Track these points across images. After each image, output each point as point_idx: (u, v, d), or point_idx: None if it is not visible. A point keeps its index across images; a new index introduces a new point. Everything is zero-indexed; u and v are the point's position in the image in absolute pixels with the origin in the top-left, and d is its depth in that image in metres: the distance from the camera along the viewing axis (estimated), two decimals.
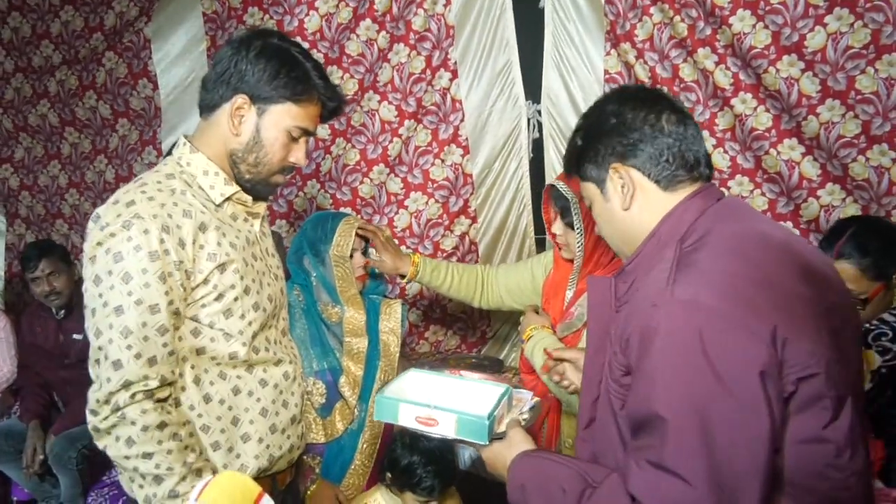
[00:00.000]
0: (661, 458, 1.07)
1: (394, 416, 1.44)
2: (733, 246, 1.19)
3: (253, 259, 1.65)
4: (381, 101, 3.54)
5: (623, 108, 1.34)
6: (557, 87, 3.42)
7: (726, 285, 1.11)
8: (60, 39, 3.70)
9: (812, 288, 1.19)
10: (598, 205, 1.41)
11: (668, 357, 1.09)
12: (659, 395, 1.09)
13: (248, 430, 1.64)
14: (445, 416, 1.38)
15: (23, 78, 3.80)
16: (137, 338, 1.44)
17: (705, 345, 1.06)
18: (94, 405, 1.48)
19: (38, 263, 3.26)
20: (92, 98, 3.75)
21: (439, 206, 3.66)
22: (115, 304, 1.44)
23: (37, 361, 3.45)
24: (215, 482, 0.81)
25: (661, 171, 1.31)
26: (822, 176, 3.03)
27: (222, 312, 1.57)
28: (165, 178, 1.56)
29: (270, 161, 1.60)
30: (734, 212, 1.29)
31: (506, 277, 2.57)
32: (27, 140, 3.91)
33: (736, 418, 1.05)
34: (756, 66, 3.00)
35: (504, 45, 3.44)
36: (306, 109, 1.59)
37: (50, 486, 3.39)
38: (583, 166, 1.40)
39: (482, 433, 1.36)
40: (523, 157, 3.57)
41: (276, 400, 1.70)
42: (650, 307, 1.14)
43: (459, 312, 3.78)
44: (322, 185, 3.69)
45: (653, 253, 1.28)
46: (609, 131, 1.34)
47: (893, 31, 2.79)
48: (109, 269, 1.44)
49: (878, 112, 2.89)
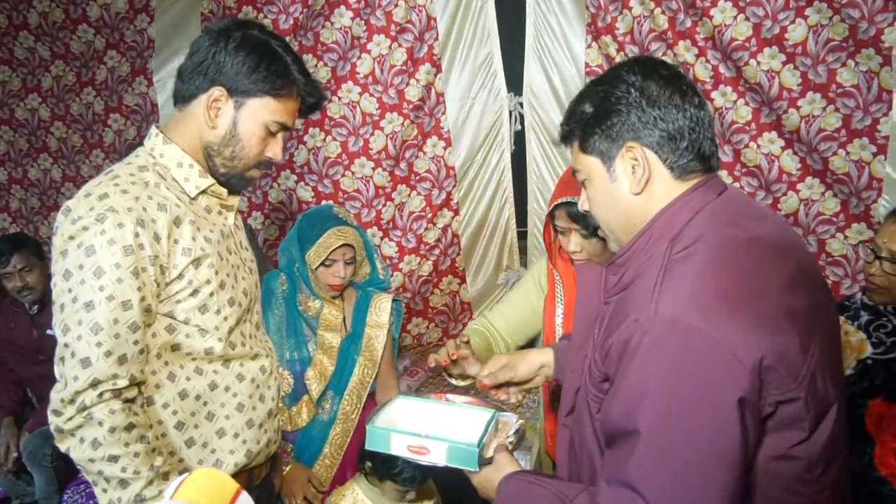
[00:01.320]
0: (628, 474, 1.04)
1: (386, 445, 1.45)
2: (723, 256, 1.11)
3: (228, 253, 1.59)
4: (362, 94, 3.48)
5: (648, 81, 1.19)
6: (539, 80, 3.38)
7: (712, 303, 1.04)
8: (41, 31, 3.60)
9: (802, 295, 1.13)
10: (598, 183, 1.26)
11: (647, 375, 1.04)
12: (637, 411, 1.04)
13: (224, 425, 1.59)
14: (436, 444, 1.40)
15: (10, 70, 3.69)
16: (108, 335, 1.37)
17: (686, 369, 1.01)
18: (57, 405, 1.39)
19: (10, 258, 3.16)
20: (90, 94, 3.65)
21: (422, 199, 3.61)
22: (86, 300, 1.36)
23: (10, 357, 3.36)
24: (191, 479, 0.77)
25: (679, 158, 1.19)
26: (802, 170, 3.01)
27: (198, 308, 1.51)
28: (138, 170, 1.49)
29: (247, 155, 1.52)
30: (731, 211, 1.19)
31: (504, 321, 2.25)
32: (9, 133, 3.80)
33: (708, 445, 1.00)
34: (737, 58, 2.97)
35: (486, 37, 3.39)
36: (285, 104, 1.52)
37: (25, 483, 3.31)
38: (590, 137, 1.24)
39: (472, 461, 1.38)
40: (505, 150, 3.52)
41: (252, 395, 1.64)
42: (633, 321, 1.07)
43: (441, 305, 3.75)
44: (300, 177, 3.62)
45: (644, 248, 1.20)
46: (630, 104, 1.19)
47: (869, 27, 2.76)
48: (80, 264, 1.37)
49: (858, 105, 2.86)
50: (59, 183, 3.84)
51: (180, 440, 1.53)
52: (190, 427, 1.54)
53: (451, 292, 3.75)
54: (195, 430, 1.55)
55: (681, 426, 1.01)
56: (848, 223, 3.00)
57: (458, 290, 3.75)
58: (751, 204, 1.25)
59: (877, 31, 2.75)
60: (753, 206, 1.25)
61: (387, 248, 3.67)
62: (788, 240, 1.21)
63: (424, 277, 3.69)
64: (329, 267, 2.22)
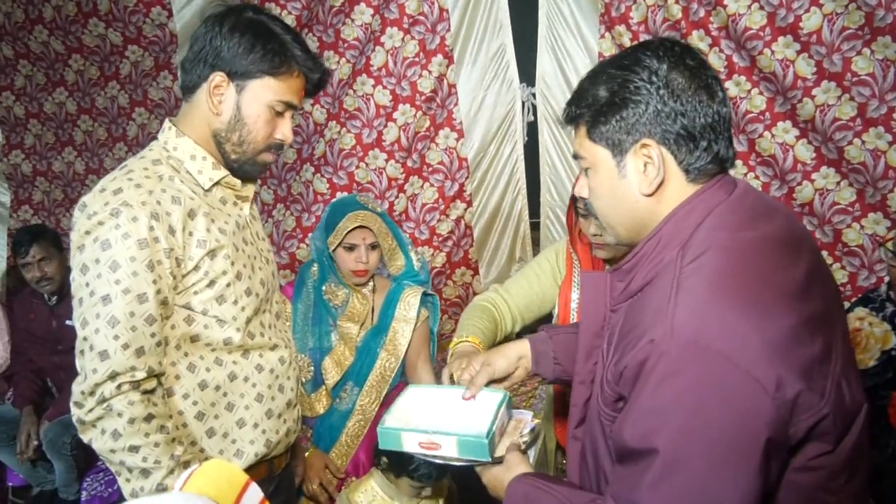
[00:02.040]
0: (638, 494, 0.99)
1: (398, 444, 1.45)
2: (736, 263, 1.03)
3: (244, 244, 1.58)
4: (376, 86, 3.46)
5: (673, 71, 1.07)
6: (552, 70, 3.35)
7: (728, 321, 0.97)
8: (55, 25, 3.61)
9: (818, 297, 1.07)
10: (604, 176, 1.16)
11: (666, 397, 0.98)
12: (654, 433, 0.98)
13: (244, 415, 1.59)
14: (446, 439, 1.39)
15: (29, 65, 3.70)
16: (125, 327, 1.37)
17: (708, 393, 0.95)
18: (78, 397, 1.39)
19: (30, 249, 3.18)
20: (114, 88, 3.64)
21: (435, 191, 3.59)
22: (103, 293, 1.37)
23: (30, 348, 3.38)
24: (200, 471, 0.76)
25: (696, 160, 1.09)
26: (817, 159, 2.96)
27: (215, 299, 1.50)
28: (152, 164, 1.48)
29: (255, 139, 1.52)
30: (742, 211, 1.10)
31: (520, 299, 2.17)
32: (37, 127, 3.81)
33: (727, 474, 0.95)
34: (751, 47, 2.92)
35: (498, 28, 3.35)
36: (287, 82, 1.50)
37: (45, 471, 3.34)
38: (600, 125, 1.12)
39: (483, 452, 1.37)
40: (518, 141, 3.49)
41: (272, 385, 1.64)
42: (648, 343, 1.01)
43: (454, 297, 3.74)
44: (317, 168, 3.61)
45: (652, 254, 1.12)
46: (650, 94, 1.07)
47: (886, 14, 2.70)
48: (97, 258, 1.36)
49: (874, 94, 2.81)
50: (82, 175, 3.84)
51: (200, 430, 1.54)
52: (210, 417, 1.54)
53: (465, 284, 3.73)
54: (215, 421, 1.55)
55: (700, 452, 0.95)
56: (864, 213, 2.95)
57: (472, 281, 3.73)
58: (761, 199, 1.16)
59: (894, 19, 2.69)
60: (764, 202, 1.16)
61: None
62: (799, 236, 1.14)
63: (438, 269, 3.67)
64: (351, 251, 2.22)
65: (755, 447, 0.94)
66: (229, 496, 0.74)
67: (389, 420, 1.49)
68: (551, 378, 1.57)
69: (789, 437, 0.97)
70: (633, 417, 1.02)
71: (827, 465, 1.02)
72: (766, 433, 0.93)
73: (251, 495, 0.77)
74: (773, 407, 0.94)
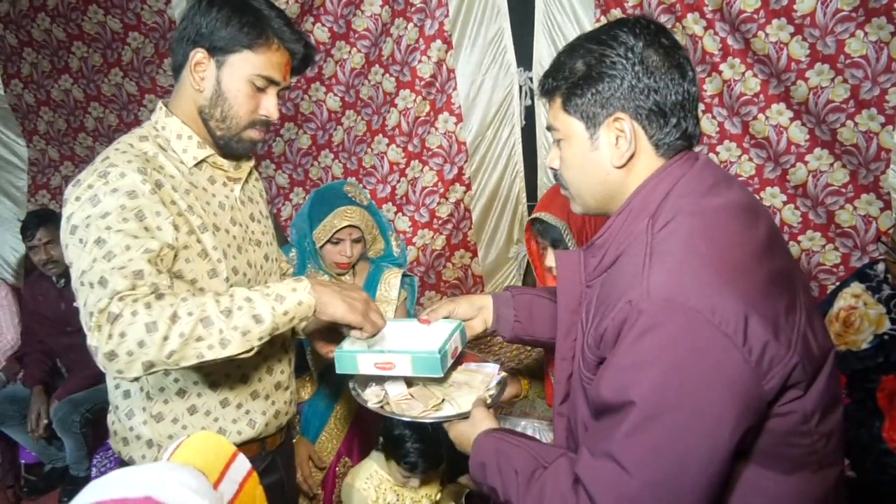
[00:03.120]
0: (613, 446, 1.01)
1: (354, 366, 1.48)
2: (705, 227, 1.06)
3: (231, 224, 1.57)
4: (384, 74, 3.45)
5: (648, 50, 1.09)
6: (549, 54, 3.30)
7: (704, 280, 0.99)
8: (56, 13, 3.60)
9: (779, 256, 1.10)
10: (576, 148, 1.17)
11: (642, 351, 1.00)
12: (631, 385, 1.00)
13: (228, 395, 1.57)
14: (400, 357, 1.43)
15: (34, 52, 3.70)
16: (121, 259, 1.28)
17: (684, 348, 0.97)
18: (92, 339, 1.24)
19: (36, 232, 3.20)
20: (118, 75, 3.65)
21: (434, 174, 3.58)
22: (95, 238, 1.29)
23: (39, 329, 3.42)
24: (188, 442, 0.76)
25: (666, 136, 1.12)
26: (811, 141, 2.93)
27: (207, 273, 1.48)
28: (139, 139, 1.48)
29: (237, 114, 1.49)
30: (704, 180, 1.12)
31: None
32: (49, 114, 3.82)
33: (700, 427, 0.97)
34: (745, 30, 2.88)
35: (496, 12, 3.33)
36: (266, 56, 1.47)
37: (56, 448, 3.39)
38: (576, 97, 1.14)
39: (436, 367, 1.40)
40: (515, 125, 3.47)
41: (258, 366, 1.62)
42: (626, 303, 1.02)
43: (454, 279, 3.73)
44: (336, 155, 3.63)
45: (623, 227, 1.14)
46: (625, 70, 1.09)
47: None
48: (87, 214, 1.32)
49: (867, 76, 2.77)
50: None
51: (182, 407, 1.53)
52: (192, 395, 1.53)
53: (464, 266, 3.73)
54: (198, 399, 1.54)
55: (675, 403, 0.97)
56: (857, 194, 2.92)
57: (470, 263, 3.73)
58: (719, 170, 1.19)
59: (889, 0, 2.65)
60: (722, 173, 1.19)
61: (401, 223, 3.65)
62: (755, 202, 1.17)
63: (437, 252, 3.67)
64: (336, 245, 2.20)
65: (729, 400, 0.96)
66: (216, 467, 0.74)
67: (346, 344, 1.51)
68: (509, 336, 1.59)
69: (764, 391, 0.99)
70: (610, 373, 1.04)
71: (798, 409, 1.04)
72: (739, 386, 0.96)
73: (238, 466, 0.77)
74: (744, 361, 0.96)
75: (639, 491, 0.98)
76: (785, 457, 1.06)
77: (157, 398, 1.52)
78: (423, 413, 1.45)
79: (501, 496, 1.19)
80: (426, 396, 1.51)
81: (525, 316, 1.56)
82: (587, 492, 1.03)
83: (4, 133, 3.93)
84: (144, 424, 1.53)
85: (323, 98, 3.49)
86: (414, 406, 1.48)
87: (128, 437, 1.56)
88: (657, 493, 0.98)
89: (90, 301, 1.26)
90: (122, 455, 1.60)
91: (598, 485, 1.02)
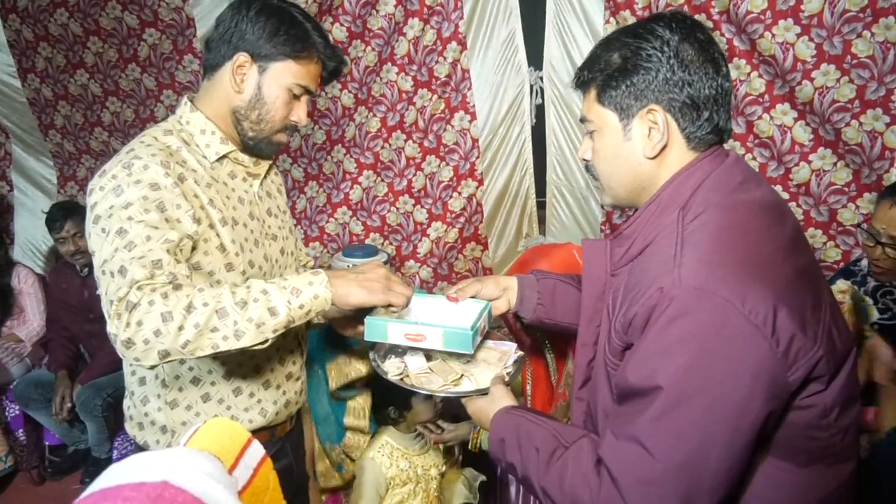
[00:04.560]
0: (638, 429, 1.00)
1: (383, 335, 1.44)
2: (735, 221, 1.05)
3: (249, 218, 1.56)
4: (399, 73, 3.47)
5: (684, 43, 1.08)
6: (559, 55, 3.31)
7: (732, 270, 0.99)
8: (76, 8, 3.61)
9: (804, 253, 1.09)
10: (609, 139, 1.17)
11: (671, 337, 0.99)
12: (658, 369, 0.99)
13: (241, 384, 1.58)
14: (432, 330, 1.39)
15: (49, 47, 3.72)
16: (142, 249, 1.27)
17: (712, 335, 0.96)
18: (111, 327, 1.23)
19: (64, 224, 3.20)
20: (135, 70, 3.69)
21: (450, 169, 3.60)
22: (116, 228, 1.30)
23: (64, 316, 3.42)
24: (204, 428, 0.76)
25: (697, 128, 1.11)
26: (815, 140, 2.88)
27: (224, 266, 1.47)
28: (163, 133, 1.49)
29: (273, 118, 1.51)
30: (734, 176, 1.11)
31: None
32: (66, 108, 3.86)
33: (726, 413, 0.96)
34: (751, 31, 2.84)
35: (508, 14, 3.33)
36: (307, 67, 1.50)
37: (79, 431, 3.41)
38: (611, 89, 1.13)
39: (467, 343, 1.37)
40: (526, 123, 3.47)
41: (271, 357, 1.62)
42: (657, 291, 1.01)
43: (465, 271, 3.75)
44: (347, 150, 3.66)
45: (652, 219, 1.13)
46: (661, 62, 1.08)
47: None
48: (111, 204, 1.32)
49: (873, 76, 2.72)
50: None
51: (196, 395, 1.54)
52: (206, 383, 1.54)
53: (475, 258, 3.73)
54: (211, 387, 1.55)
55: (702, 389, 0.97)
56: (860, 193, 2.86)
57: (481, 256, 3.74)
58: (749, 167, 1.18)
59: None
60: (751, 170, 1.18)
61: (418, 214, 3.68)
62: (781, 201, 1.16)
63: (450, 244, 3.69)
64: None
65: (755, 389, 0.96)
66: (231, 452, 0.73)
67: (377, 313, 1.49)
68: (531, 318, 1.56)
69: (789, 382, 0.98)
70: (638, 358, 1.03)
71: (819, 403, 1.03)
72: (766, 375, 0.96)
73: (253, 452, 0.76)
74: (771, 351, 0.95)
75: (661, 474, 0.98)
76: (803, 449, 1.05)
77: (172, 386, 1.53)
78: (442, 387, 1.43)
79: (520, 472, 1.19)
80: (445, 371, 1.49)
81: (548, 300, 1.54)
82: (610, 473, 1.02)
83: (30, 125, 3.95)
84: (159, 411, 1.54)
85: (338, 94, 3.52)
86: (433, 380, 1.46)
87: (143, 423, 1.57)
88: (679, 476, 0.97)
89: (111, 290, 1.26)
90: (136, 439, 1.60)
91: (621, 466, 1.01)
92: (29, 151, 4.00)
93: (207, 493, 0.61)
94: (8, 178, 4.06)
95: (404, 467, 2.29)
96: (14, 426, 3.40)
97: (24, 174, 4.05)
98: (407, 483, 2.29)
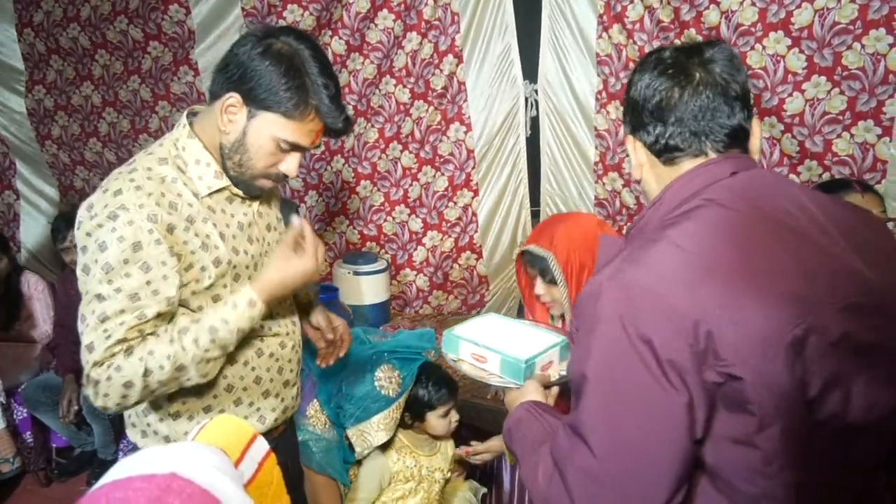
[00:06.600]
0: (577, 419, 1.00)
1: (455, 349, 1.57)
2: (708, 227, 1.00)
3: (248, 243, 1.48)
4: (397, 85, 3.39)
5: (653, 80, 1.12)
6: (553, 68, 3.23)
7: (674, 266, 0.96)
8: (88, 22, 3.59)
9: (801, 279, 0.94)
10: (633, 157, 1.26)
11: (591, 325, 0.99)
12: (585, 360, 0.99)
13: (241, 395, 1.53)
14: (492, 355, 1.49)
15: (60, 60, 3.69)
16: (112, 326, 1.29)
17: (621, 317, 0.94)
18: (87, 391, 1.33)
19: (67, 234, 3.17)
20: (136, 82, 3.64)
21: (445, 180, 3.52)
22: (95, 292, 1.29)
23: (71, 322, 3.35)
24: (211, 424, 0.79)
25: (660, 151, 1.14)
26: (801, 153, 2.75)
27: (211, 298, 1.41)
28: (157, 163, 1.38)
29: (253, 166, 1.39)
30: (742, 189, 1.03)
31: None
32: (63, 118, 3.83)
33: (641, 400, 0.93)
34: (742, 44, 2.73)
35: (504, 29, 3.25)
36: (299, 125, 1.35)
37: (85, 433, 3.36)
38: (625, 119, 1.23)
39: (518, 374, 1.43)
40: (521, 134, 3.39)
41: (270, 368, 1.57)
42: (592, 278, 1.04)
43: (460, 279, 3.65)
44: (346, 160, 3.59)
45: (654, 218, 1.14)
46: (634, 99, 1.16)
47: (881, 6, 2.49)
48: (96, 259, 1.28)
49: (864, 88, 2.59)
50: (116, 164, 3.82)
51: (199, 406, 1.49)
52: (209, 396, 1.49)
53: (469, 267, 3.64)
54: (213, 400, 1.50)
55: (617, 376, 0.94)
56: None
57: (476, 264, 3.65)
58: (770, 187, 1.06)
59: (889, 10, 2.47)
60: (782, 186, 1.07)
61: (414, 223, 3.60)
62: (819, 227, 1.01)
63: (446, 253, 3.61)
64: None
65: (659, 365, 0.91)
66: (237, 447, 0.75)
67: (458, 329, 1.60)
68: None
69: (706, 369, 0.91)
70: (573, 348, 1.07)
71: (761, 447, 0.93)
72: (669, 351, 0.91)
73: (257, 448, 0.78)
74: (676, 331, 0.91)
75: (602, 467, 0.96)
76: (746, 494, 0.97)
77: (175, 399, 1.47)
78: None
79: (519, 461, 1.23)
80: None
81: None
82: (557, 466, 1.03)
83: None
84: (161, 422, 1.49)
85: None
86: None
87: (146, 431, 1.53)
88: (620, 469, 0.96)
89: (84, 354, 1.31)
90: (139, 446, 1.56)
91: (567, 462, 1.01)
92: (28, 161, 3.98)
93: (214, 484, 0.62)
94: (14, 187, 4.03)
95: (410, 464, 2.29)
96: (22, 429, 3.36)
97: (28, 184, 4.02)
98: (409, 480, 2.29)
